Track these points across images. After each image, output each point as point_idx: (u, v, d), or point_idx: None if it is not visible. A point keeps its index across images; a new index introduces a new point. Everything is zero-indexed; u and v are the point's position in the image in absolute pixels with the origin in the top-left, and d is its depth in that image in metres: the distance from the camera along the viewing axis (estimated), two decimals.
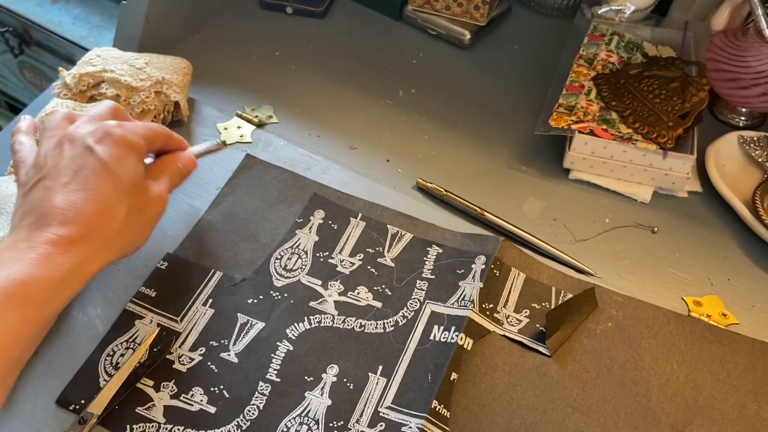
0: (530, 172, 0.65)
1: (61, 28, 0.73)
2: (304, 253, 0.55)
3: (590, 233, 0.60)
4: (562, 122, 0.62)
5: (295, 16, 0.77)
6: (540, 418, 0.48)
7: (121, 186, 0.44)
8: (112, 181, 0.43)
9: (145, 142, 0.46)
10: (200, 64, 0.67)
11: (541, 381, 0.49)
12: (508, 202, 0.62)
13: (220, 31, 0.74)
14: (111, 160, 0.44)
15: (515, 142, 0.67)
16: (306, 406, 0.47)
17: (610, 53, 0.69)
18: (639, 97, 0.64)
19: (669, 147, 0.61)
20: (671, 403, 0.49)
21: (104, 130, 0.45)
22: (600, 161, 0.62)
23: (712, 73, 0.67)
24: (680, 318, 0.54)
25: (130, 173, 0.44)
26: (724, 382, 0.51)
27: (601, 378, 0.50)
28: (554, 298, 0.54)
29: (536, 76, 0.73)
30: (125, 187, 0.44)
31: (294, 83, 0.70)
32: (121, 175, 0.44)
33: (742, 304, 0.56)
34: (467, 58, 0.75)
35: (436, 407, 0.46)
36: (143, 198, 0.46)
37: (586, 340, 0.52)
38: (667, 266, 0.58)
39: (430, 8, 0.76)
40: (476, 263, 0.54)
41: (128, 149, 0.45)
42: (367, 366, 0.49)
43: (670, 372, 0.51)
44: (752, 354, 0.52)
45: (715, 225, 0.62)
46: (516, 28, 0.80)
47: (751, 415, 0.49)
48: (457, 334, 0.50)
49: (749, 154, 0.65)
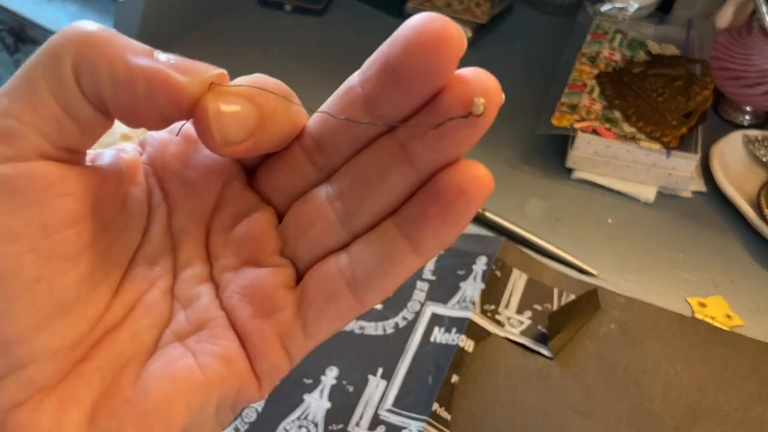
0: (532, 172, 0.64)
1: (57, 26, 0.72)
2: None
3: (593, 233, 0.59)
4: (565, 121, 0.62)
5: (293, 13, 0.77)
6: (542, 420, 0.47)
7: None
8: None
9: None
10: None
11: (543, 383, 0.49)
12: (510, 202, 0.61)
13: (218, 29, 0.74)
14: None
15: (517, 141, 0.66)
16: (305, 409, 0.47)
17: (613, 51, 0.69)
18: (642, 95, 0.63)
19: (673, 146, 0.60)
20: (675, 406, 0.49)
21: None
22: (603, 161, 0.62)
23: (716, 71, 0.66)
24: (684, 320, 0.53)
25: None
26: (729, 384, 0.50)
27: (604, 380, 0.49)
28: (556, 299, 0.54)
29: (538, 74, 0.73)
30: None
31: (293, 82, 0.69)
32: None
33: (746, 305, 0.55)
34: (468, 57, 0.74)
35: (437, 410, 0.46)
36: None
37: (588, 342, 0.51)
38: (670, 267, 0.58)
39: (431, 6, 0.76)
40: (477, 264, 0.54)
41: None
42: (366, 368, 0.49)
43: (674, 374, 0.50)
44: (757, 356, 0.52)
45: (719, 225, 0.61)
46: (518, 26, 0.79)
47: (755, 418, 0.49)
48: (458, 335, 0.49)
49: (754, 153, 0.65)
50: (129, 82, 0.19)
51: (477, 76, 0.19)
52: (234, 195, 0.23)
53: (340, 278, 0.21)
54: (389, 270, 0.21)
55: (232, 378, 0.21)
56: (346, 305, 0.21)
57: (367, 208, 0.21)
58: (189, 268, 0.23)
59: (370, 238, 0.21)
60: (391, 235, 0.21)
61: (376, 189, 0.21)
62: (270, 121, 0.20)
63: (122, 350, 0.21)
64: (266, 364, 0.22)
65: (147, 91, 0.19)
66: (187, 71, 0.19)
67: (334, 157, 0.22)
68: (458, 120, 0.19)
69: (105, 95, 0.19)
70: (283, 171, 0.22)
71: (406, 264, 0.21)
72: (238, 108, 0.19)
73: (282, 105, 0.21)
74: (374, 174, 0.21)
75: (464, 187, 0.19)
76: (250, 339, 0.21)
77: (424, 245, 0.20)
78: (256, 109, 0.20)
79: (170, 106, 0.19)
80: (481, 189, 0.19)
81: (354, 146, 0.21)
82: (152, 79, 0.19)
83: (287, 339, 0.22)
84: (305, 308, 0.22)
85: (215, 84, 0.20)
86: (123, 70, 0.19)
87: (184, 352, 0.21)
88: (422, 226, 0.20)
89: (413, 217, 0.20)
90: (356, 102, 0.20)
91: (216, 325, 0.22)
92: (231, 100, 0.19)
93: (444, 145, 0.19)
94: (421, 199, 0.20)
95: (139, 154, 0.23)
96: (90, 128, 0.20)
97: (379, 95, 0.20)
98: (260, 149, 0.21)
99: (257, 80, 0.21)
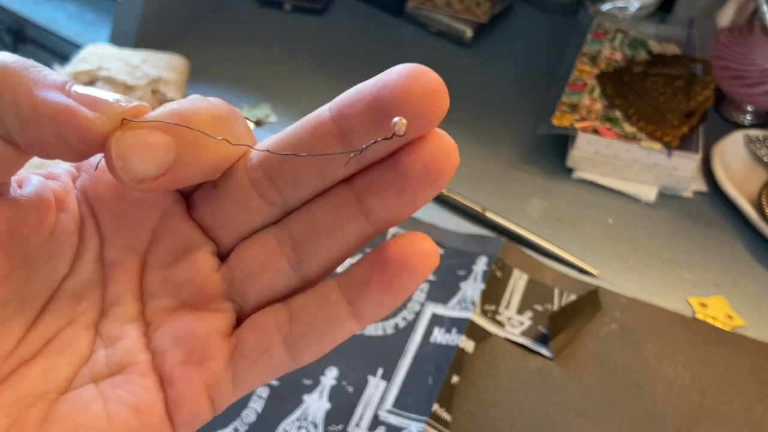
0: (533, 172, 0.64)
1: (56, 25, 0.72)
2: None
3: (593, 233, 0.59)
4: (565, 121, 0.62)
5: (293, 13, 0.77)
6: (543, 421, 0.47)
7: None
8: None
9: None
10: (197, 62, 0.66)
11: (543, 384, 0.49)
12: (510, 202, 0.61)
13: (218, 28, 0.74)
14: None
15: (517, 140, 0.66)
16: (305, 410, 0.46)
17: (613, 51, 0.68)
18: (643, 95, 0.63)
19: (674, 146, 0.60)
20: (676, 406, 0.48)
21: None
22: (603, 160, 0.62)
23: (718, 70, 0.66)
24: (685, 320, 0.53)
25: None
26: (730, 385, 0.50)
27: (605, 381, 0.49)
28: (557, 299, 0.53)
29: (539, 73, 0.73)
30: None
31: (292, 81, 0.69)
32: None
33: (748, 305, 0.55)
34: (468, 56, 0.74)
35: (437, 410, 0.46)
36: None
37: (589, 342, 0.51)
38: (671, 267, 0.57)
39: (431, 5, 0.75)
40: (478, 264, 0.54)
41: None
42: (366, 369, 0.48)
43: (675, 375, 0.50)
44: (758, 356, 0.51)
45: (720, 225, 0.61)
46: (518, 25, 0.79)
47: (756, 418, 0.48)
48: (459, 336, 0.49)
49: (755, 153, 0.64)
50: (33, 119, 0.18)
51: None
52: (172, 228, 0.22)
53: (277, 334, 0.21)
54: (327, 333, 0.21)
55: (141, 430, 0.20)
56: (279, 361, 0.21)
57: (320, 256, 0.21)
58: (118, 305, 0.21)
59: (313, 299, 0.21)
60: (334, 297, 0.20)
61: (330, 239, 0.20)
62: (192, 152, 0.19)
63: (32, 387, 0.20)
64: (188, 413, 0.21)
65: (53, 128, 0.18)
66: (98, 107, 0.18)
67: (289, 194, 0.21)
68: (386, 145, 0.19)
69: (12, 131, 0.18)
70: (228, 204, 0.21)
71: (345, 328, 0.21)
72: (148, 143, 0.18)
73: (212, 132, 0.20)
74: (329, 224, 0.20)
75: (411, 261, 0.19)
76: (176, 386, 0.21)
77: (365, 312, 0.20)
78: (173, 141, 0.19)
79: (79, 143, 0.18)
80: (427, 264, 0.19)
81: (316, 184, 0.20)
82: (58, 115, 0.18)
83: (214, 389, 0.21)
84: (237, 360, 0.21)
85: (126, 120, 0.19)
86: (28, 106, 0.18)
87: (96, 397, 0.20)
88: (365, 293, 0.20)
89: (358, 283, 0.20)
90: (329, 137, 0.19)
91: (135, 371, 0.21)
92: (141, 135, 0.18)
93: (402, 203, 0.19)
94: (367, 267, 0.20)
95: (72, 179, 0.22)
96: (4, 163, 0.19)
97: (359, 135, 0.19)
98: (183, 182, 0.20)
99: (186, 107, 0.20)
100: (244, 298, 0.22)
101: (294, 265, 0.21)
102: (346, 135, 0.19)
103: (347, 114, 0.19)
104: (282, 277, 0.21)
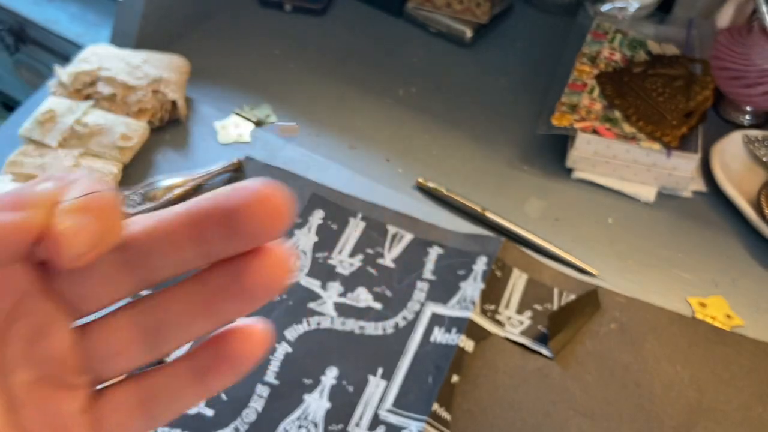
0: (532, 172, 0.64)
1: (57, 26, 0.72)
2: (302, 254, 0.54)
3: (593, 233, 0.59)
4: (565, 121, 0.62)
5: (293, 13, 0.77)
6: (542, 420, 0.47)
7: None
8: None
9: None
10: (198, 62, 0.67)
11: (543, 383, 0.49)
12: (510, 202, 0.61)
13: (218, 28, 0.74)
14: None
15: (517, 141, 0.66)
16: (305, 409, 0.47)
17: (613, 51, 0.68)
18: (643, 95, 0.63)
19: (673, 146, 0.60)
20: (675, 406, 0.49)
21: None
22: (603, 160, 0.62)
23: (717, 71, 0.66)
24: (684, 320, 0.53)
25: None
26: (728, 384, 0.50)
27: (604, 380, 0.49)
28: (556, 299, 0.54)
29: (538, 74, 0.73)
30: None
31: (293, 82, 0.69)
32: None
33: (747, 305, 0.55)
34: (468, 56, 0.74)
35: (437, 410, 0.46)
36: None
37: (588, 341, 0.51)
38: (671, 267, 0.58)
39: (431, 5, 0.75)
40: (477, 264, 0.54)
41: None
42: (366, 368, 0.49)
43: (674, 374, 0.50)
44: (757, 356, 0.52)
45: (719, 225, 0.61)
46: (518, 25, 0.79)
47: (755, 418, 0.49)
48: (459, 335, 0.49)
49: (754, 153, 0.65)
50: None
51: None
52: (30, 308, 0.22)
53: (136, 410, 0.23)
54: (181, 407, 0.23)
55: None
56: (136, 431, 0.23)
57: (171, 344, 0.23)
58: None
59: (162, 380, 0.23)
60: (185, 380, 0.23)
61: (181, 332, 0.22)
62: (112, 227, 0.20)
63: None
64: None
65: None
66: (25, 204, 0.19)
67: (149, 276, 0.22)
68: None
69: None
70: (92, 279, 0.22)
71: (194, 401, 0.23)
72: (84, 221, 0.19)
73: (114, 210, 0.21)
74: (180, 319, 0.22)
75: (248, 352, 0.22)
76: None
77: (212, 389, 0.23)
78: (98, 215, 0.20)
79: (13, 249, 0.19)
80: (262, 347, 0.22)
81: (174, 271, 0.22)
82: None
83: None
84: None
85: (56, 204, 0.19)
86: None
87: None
88: (213, 372, 0.23)
89: (205, 367, 0.23)
90: (182, 238, 0.21)
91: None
92: (77, 214, 0.19)
93: (244, 309, 0.22)
94: (213, 352, 0.23)
95: None
96: None
97: (212, 242, 0.21)
98: (102, 253, 0.21)
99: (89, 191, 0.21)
100: (100, 374, 0.23)
101: (149, 348, 0.23)
102: (199, 240, 0.21)
103: (206, 224, 0.21)
104: (137, 359, 0.23)
